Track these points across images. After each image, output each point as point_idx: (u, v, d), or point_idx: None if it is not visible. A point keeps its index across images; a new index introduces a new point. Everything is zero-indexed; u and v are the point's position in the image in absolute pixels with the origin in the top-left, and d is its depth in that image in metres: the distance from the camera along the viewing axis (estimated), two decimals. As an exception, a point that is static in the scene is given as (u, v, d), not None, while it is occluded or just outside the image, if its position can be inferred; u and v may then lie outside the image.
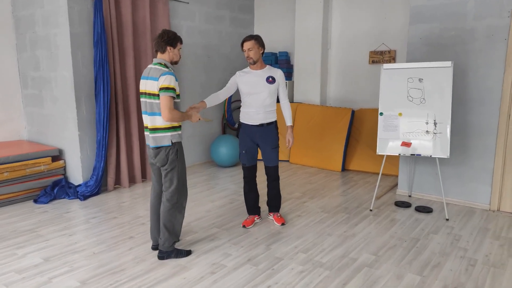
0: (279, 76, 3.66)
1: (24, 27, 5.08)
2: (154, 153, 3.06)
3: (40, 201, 4.48)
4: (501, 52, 4.03)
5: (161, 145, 3.02)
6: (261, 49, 3.62)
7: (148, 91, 2.98)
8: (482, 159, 4.26)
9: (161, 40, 2.99)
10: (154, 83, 2.92)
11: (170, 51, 3.03)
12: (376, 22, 5.96)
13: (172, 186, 3.08)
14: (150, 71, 3.00)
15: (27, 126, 5.41)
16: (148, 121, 3.03)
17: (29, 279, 2.86)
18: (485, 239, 3.55)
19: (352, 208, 4.33)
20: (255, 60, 3.59)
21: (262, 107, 3.61)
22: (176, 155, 3.06)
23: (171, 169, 3.06)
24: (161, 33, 3.03)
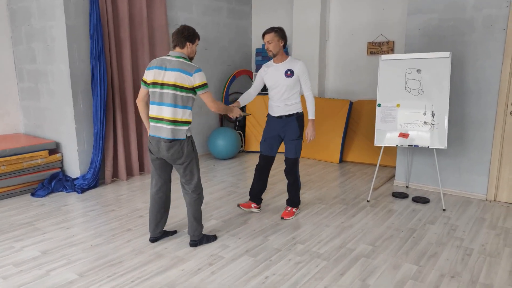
0: (298, 68, 3.57)
1: (19, 20, 5.04)
2: (168, 146, 2.98)
3: (37, 194, 4.48)
4: (499, 42, 4.01)
5: (178, 138, 2.99)
6: (282, 42, 3.58)
7: (170, 82, 2.92)
8: (479, 150, 4.26)
9: (181, 36, 2.98)
10: (184, 76, 2.90)
11: (189, 46, 3.03)
12: (375, 13, 5.93)
13: (195, 178, 3.14)
14: (172, 63, 2.92)
15: (23, 120, 5.40)
16: (166, 112, 2.96)
17: (26, 272, 2.86)
18: (481, 229, 3.56)
19: (349, 199, 4.34)
20: (274, 53, 3.58)
21: (281, 100, 3.63)
22: (192, 147, 3.09)
23: (189, 162, 3.08)
24: (181, 28, 3.01)
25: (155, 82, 2.97)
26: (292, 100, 3.64)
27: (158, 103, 2.98)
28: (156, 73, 2.96)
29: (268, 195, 4.51)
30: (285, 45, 3.63)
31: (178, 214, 3.94)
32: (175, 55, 2.98)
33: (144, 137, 5.35)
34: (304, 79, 3.61)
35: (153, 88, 2.99)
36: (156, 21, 5.34)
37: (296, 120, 3.68)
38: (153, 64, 3.00)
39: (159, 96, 2.97)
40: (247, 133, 6.67)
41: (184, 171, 3.10)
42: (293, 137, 3.68)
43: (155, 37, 5.35)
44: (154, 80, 2.97)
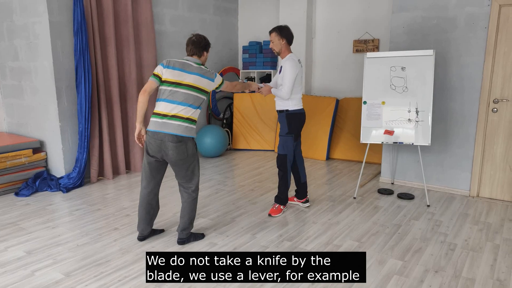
0: (284, 65, 3.66)
1: (0, 15, 4.93)
2: (175, 146, 2.99)
3: (21, 193, 4.41)
4: (481, 40, 4.09)
5: (187, 135, 3.04)
6: (283, 40, 3.69)
7: (193, 84, 3.05)
8: (462, 147, 4.34)
9: (199, 46, 3.17)
10: (203, 80, 3.09)
11: (205, 56, 3.24)
12: (360, 10, 5.97)
13: (195, 178, 3.19)
14: (193, 68, 3.08)
15: (6, 118, 5.29)
16: (179, 110, 3.01)
17: (11, 272, 2.82)
18: (464, 224, 3.64)
19: (336, 196, 4.39)
20: (277, 51, 3.73)
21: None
22: (195, 147, 3.17)
23: (192, 162, 3.13)
24: (197, 39, 3.17)
25: (173, 82, 3.04)
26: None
27: (171, 100, 3.02)
28: (176, 74, 3.05)
29: (255, 193, 4.53)
30: (289, 42, 3.74)
31: (166, 212, 3.92)
32: (195, 61, 3.15)
33: (131, 135, 5.30)
34: (284, 76, 3.63)
35: (168, 86, 3.04)
36: (141, 18, 5.28)
37: (286, 117, 3.72)
38: (175, 65, 3.07)
39: (173, 95, 3.02)
40: (235, 131, 6.67)
41: (186, 171, 3.14)
42: (282, 132, 3.76)
43: (141, 33, 5.30)
44: (172, 79, 3.04)
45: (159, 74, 3.07)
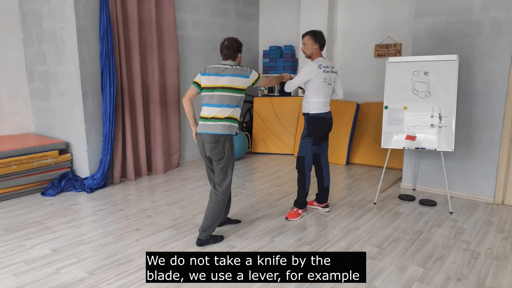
0: (305, 65, 3.81)
1: (31, 22, 5.12)
2: (212, 146, 3.17)
3: (47, 193, 4.55)
4: (507, 45, 4.01)
5: (226, 133, 3.19)
6: (316, 44, 3.79)
7: (226, 85, 3.19)
8: (487, 153, 4.25)
9: (233, 49, 3.30)
10: (237, 79, 3.21)
11: (239, 57, 3.37)
12: (382, 15, 5.93)
13: (227, 179, 3.29)
14: (227, 70, 3.21)
15: (34, 120, 5.48)
16: (219, 112, 3.18)
17: (37, 270, 2.92)
18: (488, 232, 3.56)
19: (356, 201, 4.35)
20: (308, 54, 3.82)
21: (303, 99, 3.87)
22: (232, 150, 3.29)
23: (227, 163, 3.25)
24: (229, 43, 3.29)
25: (209, 87, 3.22)
26: (304, 99, 3.83)
27: (210, 104, 3.22)
28: (212, 79, 3.22)
29: (274, 196, 4.54)
30: (322, 47, 3.83)
31: (185, 214, 3.97)
32: (230, 64, 3.29)
33: (152, 138, 5.40)
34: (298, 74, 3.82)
35: (207, 92, 3.24)
36: (164, 23, 5.39)
37: (307, 120, 3.81)
38: (210, 71, 3.25)
39: (211, 98, 3.21)
40: (254, 134, 6.71)
41: (221, 170, 3.26)
42: (302, 134, 3.83)
43: (164, 39, 5.41)
44: (208, 85, 3.22)
45: (198, 81, 3.30)
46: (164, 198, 4.48)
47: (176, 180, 5.17)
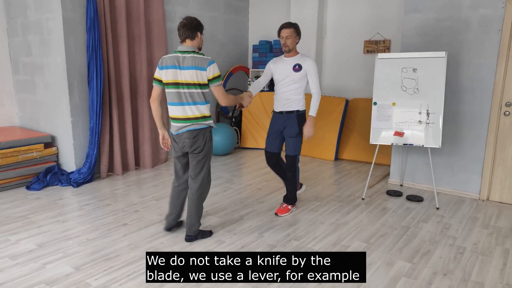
0: (307, 64, 3.56)
1: (15, 11, 4.99)
2: (191, 141, 3.03)
3: (32, 187, 4.47)
4: (494, 42, 4.05)
5: (204, 126, 3.04)
6: (298, 38, 3.62)
7: (190, 81, 2.91)
8: (473, 149, 4.31)
9: (192, 26, 2.95)
10: (199, 73, 2.90)
11: (199, 37, 3.01)
12: (371, 11, 5.94)
13: (202, 173, 3.16)
14: (185, 60, 2.90)
15: (19, 112, 5.36)
16: (186, 111, 2.98)
17: (22, 265, 2.87)
18: (474, 227, 3.61)
19: (344, 197, 4.38)
20: (291, 48, 3.58)
21: (284, 94, 3.64)
22: (211, 142, 3.14)
23: (204, 157, 3.12)
24: (187, 21, 2.96)
25: (174, 83, 2.95)
26: (294, 95, 3.62)
27: (179, 103, 2.98)
28: (174, 73, 2.93)
29: (263, 192, 4.54)
30: (298, 42, 3.68)
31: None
32: (186, 50, 2.94)
33: (140, 131, 5.34)
34: (312, 76, 3.59)
35: (172, 88, 2.97)
36: (153, 15, 5.31)
37: (296, 117, 3.65)
38: (167, 64, 2.94)
39: (179, 96, 2.97)
40: (243, 129, 6.69)
41: (196, 164, 3.14)
42: (292, 134, 3.67)
43: (152, 31, 5.33)
44: (173, 80, 2.94)
45: (158, 77, 3.02)
46: (152, 193, 4.44)
47: (164, 175, 5.13)
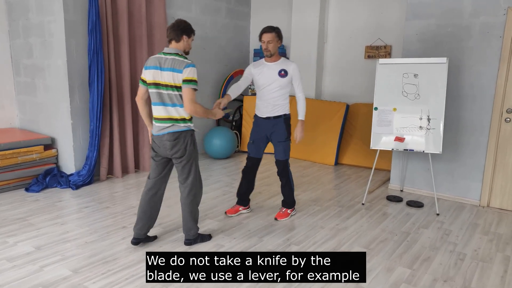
0: (292, 69, 3.57)
1: (17, 13, 5.00)
2: (172, 144, 2.97)
3: (31, 189, 4.45)
4: (495, 49, 4.06)
5: (185, 129, 2.97)
6: (279, 43, 3.58)
7: (168, 83, 2.88)
8: (473, 156, 4.30)
9: (178, 29, 2.94)
10: (179, 75, 2.86)
11: (185, 40, 2.98)
12: (373, 17, 5.96)
13: (190, 177, 3.10)
14: (167, 62, 2.89)
15: (19, 114, 5.36)
16: (171, 112, 2.94)
17: (20, 267, 2.85)
18: (474, 234, 3.60)
19: (344, 202, 4.36)
20: (272, 53, 3.54)
21: (271, 100, 3.61)
22: (193, 146, 3.07)
23: (188, 161, 3.05)
24: (176, 22, 2.97)
25: (154, 83, 2.94)
26: (281, 101, 3.62)
27: (160, 103, 2.97)
28: (155, 74, 2.93)
29: (263, 196, 4.52)
30: (280, 46, 3.63)
31: (172, 213, 3.93)
32: (169, 52, 2.94)
33: (140, 135, 5.33)
34: (297, 80, 3.62)
35: (153, 88, 2.96)
36: (155, 19, 5.32)
37: (284, 122, 3.66)
38: (150, 64, 2.96)
39: (160, 97, 2.95)
40: (243, 133, 6.68)
41: (182, 169, 3.08)
42: (281, 138, 3.66)
43: (154, 35, 5.34)
44: (153, 80, 2.94)
45: (143, 77, 3.01)
46: (151, 196, 4.43)
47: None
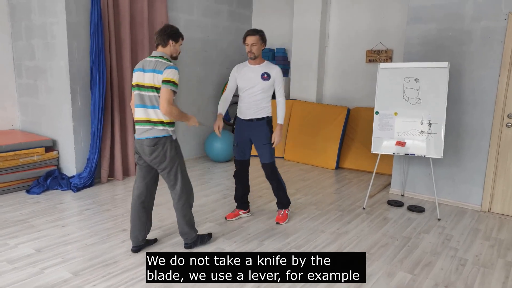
0: (275, 73, 3.59)
1: (19, 15, 5.02)
2: (151, 150, 2.92)
3: (32, 191, 4.45)
4: (497, 54, 4.06)
5: (164, 135, 2.92)
6: (263, 45, 3.60)
7: (149, 84, 2.88)
8: (474, 161, 4.30)
9: (164, 33, 2.95)
10: (159, 76, 2.84)
11: (172, 45, 2.98)
12: (374, 21, 5.97)
13: (178, 183, 3.05)
14: (150, 64, 2.90)
15: (20, 116, 5.36)
16: (150, 114, 2.91)
17: (20, 270, 2.84)
18: (475, 239, 3.59)
19: (345, 206, 4.36)
20: (256, 55, 3.56)
21: (253, 103, 3.59)
22: (175, 150, 3.01)
23: (172, 167, 3.00)
24: (163, 27, 2.99)
25: (136, 85, 2.95)
26: (264, 103, 3.62)
27: (140, 105, 2.95)
28: (138, 76, 2.94)
29: (263, 199, 4.52)
30: (263, 48, 3.63)
31: (172, 216, 3.92)
32: (155, 55, 2.94)
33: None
34: (278, 84, 3.62)
35: (136, 90, 2.95)
36: (157, 22, 5.34)
37: (267, 124, 3.65)
38: (137, 67, 2.97)
39: (141, 99, 2.94)
40: (244, 136, 6.67)
41: (168, 175, 3.03)
42: (265, 141, 3.63)
43: (156, 37, 5.34)
44: (136, 82, 2.95)
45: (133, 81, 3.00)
46: (152, 198, 4.43)
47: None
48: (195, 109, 6.30)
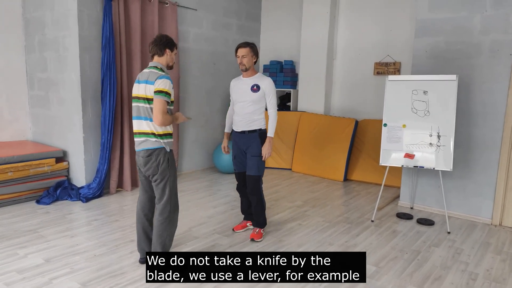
0: (266, 84, 3.55)
1: (33, 29, 5.13)
2: (145, 161, 2.91)
3: (42, 201, 4.49)
4: (506, 67, 4.05)
5: (158, 147, 2.90)
6: (255, 58, 3.59)
7: (142, 95, 2.86)
8: (485, 173, 4.25)
9: (160, 43, 2.94)
10: (151, 87, 2.83)
11: (168, 54, 2.99)
12: (382, 34, 6.00)
13: (165, 197, 2.98)
14: (143, 75, 2.90)
15: (32, 127, 5.45)
16: (143, 126, 2.91)
17: (29, 279, 2.86)
18: (486, 253, 3.54)
19: (353, 218, 4.33)
20: (247, 67, 3.56)
21: (246, 115, 3.58)
22: (168, 163, 2.95)
23: (162, 179, 2.95)
24: (158, 37, 2.99)
25: (134, 97, 2.96)
26: (256, 115, 3.59)
27: (137, 117, 2.95)
28: (134, 88, 2.96)
29: (271, 211, 4.51)
30: (256, 61, 3.64)
31: (180, 226, 3.93)
32: (150, 66, 2.95)
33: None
34: (269, 96, 3.58)
35: (134, 102, 2.96)
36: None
37: (259, 136, 3.60)
38: (137, 79, 2.99)
39: (137, 110, 2.95)
40: (252, 148, 6.68)
41: (156, 188, 2.99)
42: (256, 153, 3.58)
43: (166, 50, 5.42)
44: (133, 94, 2.97)
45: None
46: (160, 209, 4.44)
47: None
48: (203, 120, 6.35)
